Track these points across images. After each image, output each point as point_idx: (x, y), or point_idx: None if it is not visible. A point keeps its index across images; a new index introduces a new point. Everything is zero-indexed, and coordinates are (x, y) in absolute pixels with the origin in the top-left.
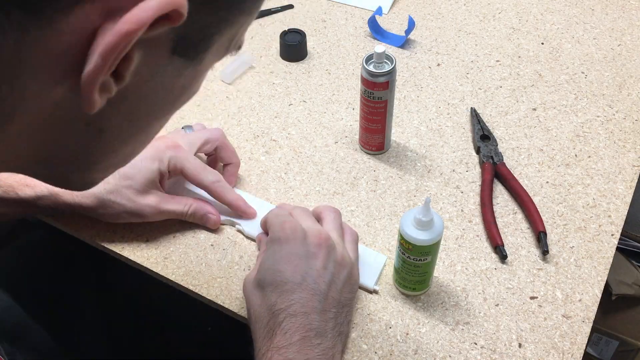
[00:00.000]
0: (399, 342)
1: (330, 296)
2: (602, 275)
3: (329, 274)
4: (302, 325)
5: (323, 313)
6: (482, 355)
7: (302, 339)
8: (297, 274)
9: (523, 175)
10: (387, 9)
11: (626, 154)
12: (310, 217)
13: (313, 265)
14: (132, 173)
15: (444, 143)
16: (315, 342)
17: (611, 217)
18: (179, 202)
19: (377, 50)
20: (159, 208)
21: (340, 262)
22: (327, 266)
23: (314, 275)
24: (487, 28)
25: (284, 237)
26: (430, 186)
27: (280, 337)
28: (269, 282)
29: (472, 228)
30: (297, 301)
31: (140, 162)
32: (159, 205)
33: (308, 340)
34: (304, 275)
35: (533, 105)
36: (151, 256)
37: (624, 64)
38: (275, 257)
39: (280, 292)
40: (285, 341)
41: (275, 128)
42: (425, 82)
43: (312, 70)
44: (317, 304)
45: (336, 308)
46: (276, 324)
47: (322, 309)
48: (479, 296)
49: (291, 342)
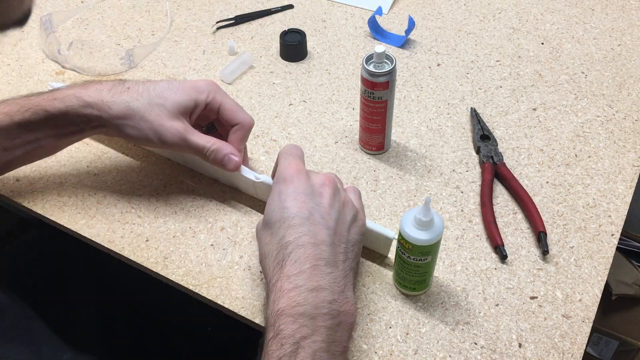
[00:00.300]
0: (399, 342)
1: (339, 232)
2: (602, 275)
3: (335, 211)
4: (312, 254)
5: (333, 246)
6: (482, 355)
7: (312, 267)
8: (304, 209)
9: (523, 175)
10: (387, 9)
11: (626, 154)
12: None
13: (319, 202)
14: (168, 94)
15: (444, 143)
16: (326, 271)
17: (611, 217)
18: (202, 137)
19: (377, 50)
20: (183, 136)
21: (345, 204)
22: (334, 205)
23: (321, 212)
24: (487, 28)
25: (289, 177)
26: (430, 186)
27: (290, 267)
28: (277, 219)
29: (472, 228)
30: (306, 233)
31: (178, 86)
32: (184, 134)
33: (318, 269)
34: (311, 210)
35: (533, 105)
36: (151, 256)
37: (624, 64)
38: (282, 196)
39: (288, 226)
40: (295, 269)
41: (275, 128)
42: (425, 82)
43: (312, 70)
44: (326, 237)
45: (345, 244)
46: (285, 255)
47: (332, 242)
48: (479, 296)
49: (301, 270)
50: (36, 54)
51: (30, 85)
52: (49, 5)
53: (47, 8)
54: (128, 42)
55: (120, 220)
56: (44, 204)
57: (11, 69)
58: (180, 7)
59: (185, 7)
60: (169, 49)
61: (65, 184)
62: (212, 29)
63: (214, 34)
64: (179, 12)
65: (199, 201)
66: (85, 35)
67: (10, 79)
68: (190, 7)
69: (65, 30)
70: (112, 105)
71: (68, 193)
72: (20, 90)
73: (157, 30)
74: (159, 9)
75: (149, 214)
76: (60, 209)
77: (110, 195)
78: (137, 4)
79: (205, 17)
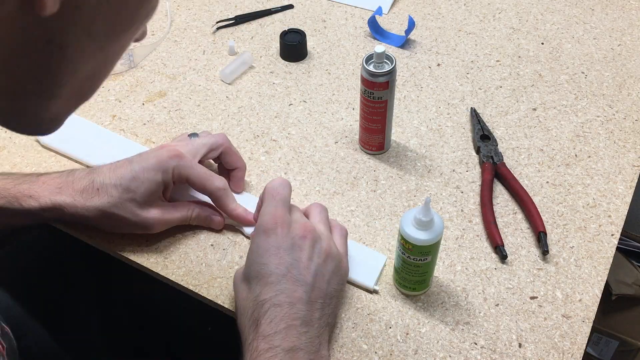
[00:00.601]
0: (399, 342)
1: (317, 287)
2: (602, 275)
3: (314, 265)
4: (287, 314)
5: (309, 304)
6: (482, 355)
7: (287, 327)
8: (281, 266)
9: (523, 175)
10: (387, 9)
11: (626, 154)
12: (298, 211)
13: (298, 257)
14: (135, 185)
15: (444, 143)
16: (301, 331)
17: (611, 217)
18: (182, 209)
19: (377, 50)
20: (163, 219)
21: (327, 254)
22: (313, 257)
23: (299, 267)
24: (487, 28)
25: (271, 228)
26: (430, 186)
27: (266, 326)
28: (254, 275)
29: (472, 228)
30: (282, 291)
31: (143, 174)
32: (163, 217)
33: (294, 329)
34: (289, 267)
35: (533, 105)
36: (151, 256)
37: (624, 64)
38: (260, 250)
39: (265, 283)
40: (270, 329)
41: (275, 128)
42: (425, 82)
43: (312, 70)
44: (303, 295)
45: (323, 299)
46: (261, 314)
47: (309, 300)
48: (479, 296)
49: (277, 330)
50: None
51: None
52: None
53: None
54: None
55: None
56: None
57: None
58: (180, 7)
59: (185, 7)
60: (169, 49)
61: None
62: (212, 29)
63: (214, 34)
64: (179, 12)
65: None
66: None
67: None
68: (190, 7)
69: None
70: (85, 212)
71: None
72: None
73: (157, 30)
74: (159, 9)
75: None
76: None
77: None
78: None
79: (205, 17)
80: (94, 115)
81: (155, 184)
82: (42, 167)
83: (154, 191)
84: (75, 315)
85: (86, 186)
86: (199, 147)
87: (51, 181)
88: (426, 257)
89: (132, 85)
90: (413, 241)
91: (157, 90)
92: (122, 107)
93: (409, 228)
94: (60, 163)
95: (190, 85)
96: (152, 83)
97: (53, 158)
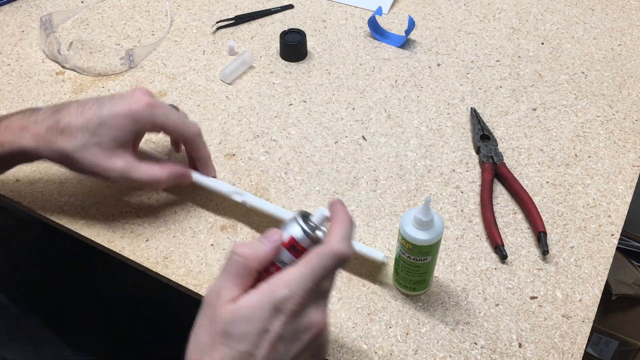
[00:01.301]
0: (399, 342)
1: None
2: (602, 275)
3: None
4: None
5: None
6: (482, 355)
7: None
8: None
9: (523, 175)
10: (387, 9)
11: (626, 154)
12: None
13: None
14: (102, 131)
15: (444, 143)
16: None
17: (611, 217)
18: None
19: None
20: (126, 176)
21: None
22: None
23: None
24: (487, 28)
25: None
26: (430, 186)
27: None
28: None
29: (472, 228)
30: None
31: (112, 121)
32: (126, 173)
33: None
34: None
35: (533, 105)
36: (151, 256)
37: (624, 64)
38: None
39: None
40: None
41: (275, 128)
42: (425, 82)
43: (312, 70)
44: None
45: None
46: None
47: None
48: (479, 296)
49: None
50: (36, 54)
51: (30, 85)
52: (49, 5)
53: (47, 8)
54: (128, 42)
55: (120, 220)
56: (44, 204)
57: (11, 69)
58: (180, 7)
59: (185, 7)
60: (169, 49)
61: (65, 184)
62: (212, 29)
63: (214, 34)
64: (179, 12)
65: (199, 201)
66: (85, 35)
67: (10, 79)
68: (190, 7)
69: (65, 30)
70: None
71: (68, 193)
72: (21, 90)
73: (157, 30)
74: (159, 9)
75: (149, 214)
76: (60, 208)
77: (111, 196)
78: (137, 4)
79: (205, 17)
80: None
81: (124, 132)
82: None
83: (122, 140)
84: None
85: (50, 126)
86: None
87: (13, 124)
88: (426, 257)
89: (132, 85)
90: (413, 241)
91: (157, 90)
92: None
93: (409, 228)
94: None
95: (190, 85)
96: (152, 83)
97: None
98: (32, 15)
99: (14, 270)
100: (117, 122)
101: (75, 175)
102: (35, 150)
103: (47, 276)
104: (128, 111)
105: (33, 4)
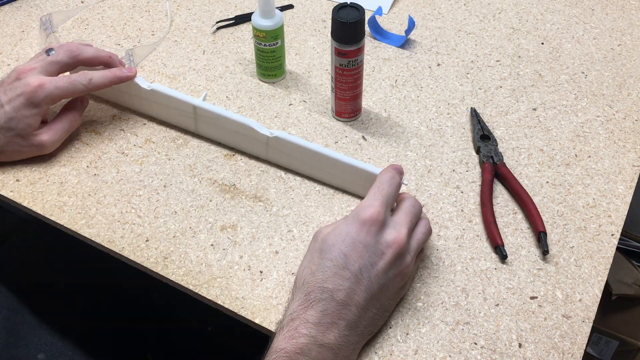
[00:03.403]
0: (399, 342)
1: (377, 297)
2: (602, 275)
3: (386, 278)
4: (338, 312)
5: (364, 310)
6: (482, 355)
7: (331, 324)
8: (356, 264)
9: (523, 175)
10: (387, 9)
11: (626, 154)
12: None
13: (375, 262)
14: (14, 124)
15: (444, 143)
16: (343, 333)
17: (611, 217)
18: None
19: None
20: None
21: (402, 272)
22: (388, 271)
23: (371, 274)
24: (487, 28)
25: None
26: (430, 186)
27: (314, 312)
28: (331, 257)
29: (472, 228)
30: (345, 289)
31: (18, 113)
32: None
33: (336, 328)
34: (362, 267)
35: (533, 105)
36: (151, 256)
37: (624, 64)
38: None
39: (335, 273)
40: (315, 318)
41: (275, 128)
42: (425, 82)
43: (312, 70)
44: (362, 300)
45: (377, 309)
46: (316, 300)
47: (365, 306)
48: (479, 296)
49: (321, 322)
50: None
51: None
52: (49, 5)
53: (47, 8)
54: (128, 42)
55: (120, 220)
56: (44, 204)
57: (11, 69)
58: (180, 7)
59: (185, 7)
60: (169, 49)
61: (65, 184)
62: (212, 29)
63: (214, 34)
64: (179, 12)
65: (199, 201)
66: (85, 35)
67: None
68: (190, 7)
69: (65, 30)
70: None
71: (68, 193)
72: None
73: (157, 30)
74: (159, 9)
75: (149, 214)
76: (60, 209)
77: (110, 195)
78: (137, 4)
79: (205, 17)
80: (93, 115)
81: (33, 118)
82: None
83: (34, 123)
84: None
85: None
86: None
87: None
88: (277, 42)
89: None
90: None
91: None
92: (122, 107)
93: (257, 19)
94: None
95: (191, 85)
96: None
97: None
98: (32, 15)
99: (14, 270)
100: (23, 113)
101: (75, 175)
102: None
103: (47, 276)
104: (27, 100)
105: (33, 4)
